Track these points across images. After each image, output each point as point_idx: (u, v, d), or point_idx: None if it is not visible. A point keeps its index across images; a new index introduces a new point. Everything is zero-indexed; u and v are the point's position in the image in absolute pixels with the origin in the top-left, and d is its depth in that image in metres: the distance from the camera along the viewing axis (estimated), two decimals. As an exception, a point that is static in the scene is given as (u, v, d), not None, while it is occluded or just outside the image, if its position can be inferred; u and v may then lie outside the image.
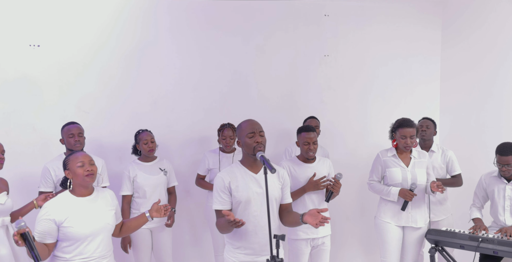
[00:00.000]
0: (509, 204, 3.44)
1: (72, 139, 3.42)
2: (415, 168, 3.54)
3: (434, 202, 4.03)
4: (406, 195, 3.41)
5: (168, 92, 4.47)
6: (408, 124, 3.49)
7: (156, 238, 3.76)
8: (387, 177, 3.58)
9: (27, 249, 2.13)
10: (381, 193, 3.58)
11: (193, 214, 4.43)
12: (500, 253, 3.08)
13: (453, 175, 4.09)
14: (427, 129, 4.14)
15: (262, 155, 2.43)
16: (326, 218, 2.32)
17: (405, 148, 3.51)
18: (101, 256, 2.47)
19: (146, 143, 3.70)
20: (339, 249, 4.72)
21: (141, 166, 3.74)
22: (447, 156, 4.10)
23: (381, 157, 3.63)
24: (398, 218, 3.54)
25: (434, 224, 4.05)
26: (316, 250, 3.41)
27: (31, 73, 4.03)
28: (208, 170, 4.05)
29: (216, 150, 4.11)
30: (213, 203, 2.58)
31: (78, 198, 2.46)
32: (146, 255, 3.72)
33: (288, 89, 4.80)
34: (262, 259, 2.55)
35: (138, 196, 3.70)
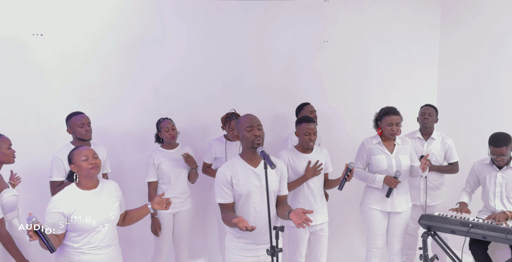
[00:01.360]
0: (499, 190, 3.55)
1: (83, 129, 3.48)
2: (399, 154, 3.66)
3: (431, 187, 4.14)
4: (390, 182, 3.53)
5: (170, 79, 4.51)
6: (394, 112, 3.59)
7: (177, 223, 3.91)
8: (373, 164, 3.67)
9: (40, 241, 2.26)
10: (366, 180, 3.69)
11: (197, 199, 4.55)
12: (489, 238, 3.22)
13: (450, 162, 4.17)
14: (429, 116, 4.14)
15: (262, 150, 2.52)
16: (310, 220, 2.41)
17: (391, 136, 3.60)
18: (107, 245, 2.61)
19: (167, 130, 3.79)
20: (337, 231, 4.87)
21: (165, 154, 3.85)
22: (446, 144, 4.15)
23: (366, 144, 3.72)
24: (383, 204, 3.67)
25: (430, 208, 4.16)
26: (315, 236, 3.53)
27: (35, 62, 4.06)
28: (214, 159, 4.10)
29: (222, 138, 4.15)
30: (215, 197, 2.69)
31: (84, 192, 2.59)
32: (166, 240, 3.88)
33: (287, 75, 4.84)
34: (261, 247, 2.71)
35: (162, 183, 3.83)
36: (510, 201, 3.53)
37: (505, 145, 3.38)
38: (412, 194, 4.19)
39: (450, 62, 5.08)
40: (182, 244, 3.99)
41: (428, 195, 4.15)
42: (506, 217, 3.35)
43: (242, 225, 2.36)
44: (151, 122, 4.15)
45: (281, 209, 2.73)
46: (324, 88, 4.95)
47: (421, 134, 4.24)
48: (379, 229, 3.73)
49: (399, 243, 3.77)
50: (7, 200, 2.87)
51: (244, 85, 4.73)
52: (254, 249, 2.71)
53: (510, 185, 3.51)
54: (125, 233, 4.10)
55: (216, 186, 2.68)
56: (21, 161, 3.42)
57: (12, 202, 2.91)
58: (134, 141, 4.39)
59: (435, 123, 4.22)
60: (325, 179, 3.56)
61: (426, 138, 4.21)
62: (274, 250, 2.38)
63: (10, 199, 2.89)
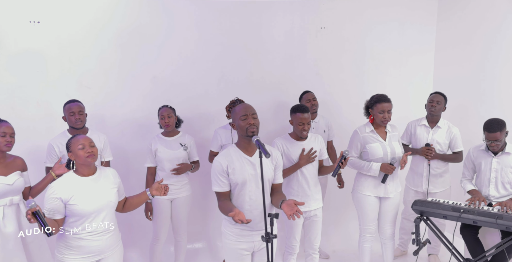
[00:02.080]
0: (495, 176, 3.60)
1: (73, 117, 3.52)
2: (392, 141, 3.69)
3: (434, 175, 4.17)
4: (387, 169, 3.57)
5: (167, 67, 4.53)
6: (386, 99, 3.61)
7: (174, 209, 3.96)
8: (368, 152, 3.69)
9: (38, 225, 2.34)
10: (362, 169, 3.71)
11: (197, 185, 4.61)
12: (479, 223, 3.28)
13: (455, 151, 4.16)
14: (437, 104, 4.11)
15: (257, 140, 2.56)
16: (301, 212, 2.46)
17: (382, 123, 3.63)
18: (105, 230, 2.67)
19: (162, 118, 3.82)
20: (333, 216, 4.96)
21: (163, 141, 3.88)
22: (452, 133, 4.13)
23: (360, 133, 3.73)
24: (376, 190, 3.72)
25: (431, 195, 4.19)
26: (309, 222, 3.58)
27: (32, 49, 4.08)
28: (220, 146, 4.10)
29: (227, 126, 4.13)
30: (212, 185, 2.74)
31: (82, 178, 2.65)
32: (165, 224, 3.94)
33: (284, 62, 4.85)
34: (256, 233, 2.77)
35: (159, 169, 3.88)
36: (505, 186, 3.58)
37: (499, 131, 3.42)
38: (414, 181, 4.25)
39: (446, 48, 5.08)
40: (181, 229, 4.05)
41: (430, 182, 4.18)
42: None
43: (237, 219, 2.41)
44: (149, 110, 4.18)
45: (275, 197, 2.79)
46: (320, 75, 4.97)
47: (427, 122, 4.22)
48: (372, 215, 3.79)
49: (390, 228, 3.85)
50: None
51: (241, 73, 4.74)
52: (249, 235, 2.77)
53: (506, 171, 3.55)
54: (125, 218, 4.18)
55: (213, 175, 2.73)
56: (20, 147, 3.46)
57: None
58: (133, 129, 4.43)
59: (442, 111, 4.18)
60: (320, 165, 3.59)
61: (432, 126, 4.19)
62: (268, 236, 2.44)
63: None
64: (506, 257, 3.36)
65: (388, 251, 3.92)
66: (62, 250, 2.62)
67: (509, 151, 3.55)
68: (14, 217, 3.03)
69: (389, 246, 3.90)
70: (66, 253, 2.61)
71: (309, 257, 3.70)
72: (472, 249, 3.54)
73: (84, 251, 2.61)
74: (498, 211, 3.32)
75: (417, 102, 4.87)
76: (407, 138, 4.35)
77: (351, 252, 4.61)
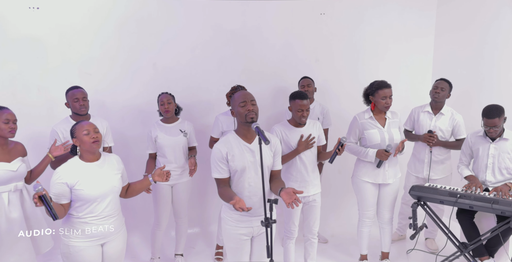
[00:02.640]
0: (492, 162, 3.63)
1: (77, 104, 3.54)
2: (391, 128, 3.71)
3: (435, 161, 4.19)
4: (382, 156, 3.60)
5: (167, 54, 4.53)
6: (387, 85, 3.63)
7: (175, 194, 4.01)
8: (366, 138, 3.72)
9: (45, 208, 2.39)
10: (359, 155, 3.75)
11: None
12: (475, 208, 3.34)
13: (457, 138, 4.15)
14: (441, 91, 4.08)
15: (257, 126, 2.58)
16: (299, 201, 2.49)
17: (385, 108, 3.65)
18: (109, 215, 2.73)
19: (162, 104, 3.84)
20: (332, 201, 5.01)
21: (162, 127, 3.91)
22: (455, 120, 4.12)
23: (359, 119, 3.75)
24: (374, 176, 3.76)
25: (432, 181, 4.18)
26: (308, 207, 3.63)
27: (33, 36, 4.08)
28: (221, 133, 4.10)
29: (228, 113, 4.12)
30: (212, 172, 2.77)
31: (87, 164, 2.69)
32: (165, 210, 4.00)
33: (284, 48, 4.85)
34: (255, 218, 2.81)
35: (159, 155, 3.92)
36: (502, 172, 3.62)
37: (498, 117, 3.44)
38: (416, 167, 4.28)
39: (446, 32, 5.07)
40: (182, 213, 4.11)
41: (431, 169, 4.20)
42: (509, 189, 3.44)
43: (238, 207, 2.44)
44: (150, 96, 4.20)
45: (274, 184, 2.82)
46: (320, 61, 4.97)
47: (430, 108, 4.20)
48: (370, 200, 3.84)
49: (389, 213, 3.90)
50: None
51: (241, 59, 4.74)
52: (249, 220, 2.81)
53: (503, 156, 3.59)
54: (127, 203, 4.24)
55: (212, 161, 2.76)
56: (21, 133, 3.49)
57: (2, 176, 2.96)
58: (133, 115, 4.46)
59: (447, 98, 4.17)
60: (319, 151, 3.62)
61: (435, 112, 4.17)
62: (268, 222, 2.48)
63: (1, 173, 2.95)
64: (501, 241, 3.42)
65: (386, 235, 3.98)
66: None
67: (506, 137, 3.58)
68: (18, 202, 3.08)
69: (387, 230, 3.97)
70: (72, 237, 2.66)
71: (308, 242, 3.76)
72: (468, 233, 3.60)
73: (89, 235, 2.67)
74: (494, 196, 3.37)
75: (416, 88, 4.88)
76: (411, 124, 4.36)
77: (349, 237, 4.68)
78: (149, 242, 4.28)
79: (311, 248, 3.78)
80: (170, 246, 4.43)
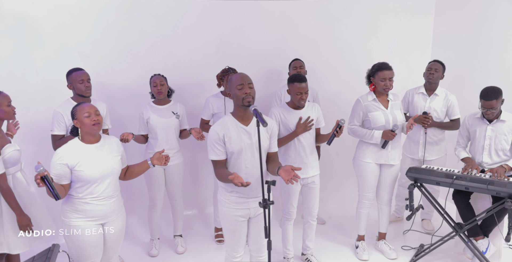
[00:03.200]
0: (488, 143, 3.67)
1: (82, 85, 3.52)
2: (394, 110, 3.72)
3: (430, 142, 4.24)
4: (388, 136, 3.61)
5: (165, 35, 4.52)
6: (387, 67, 3.62)
7: (168, 177, 4.05)
8: (370, 121, 3.72)
9: (47, 189, 2.43)
10: (364, 137, 3.74)
11: (190, 153, 4.68)
12: (471, 189, 3.39)
13: (452, 119, 4.21)
14: (435, 72, 4.13)
15: (255, 109, 2.59)
16: (298, 176, 2.52)
17: (384, 90, 3.64)
18: (109, 196, 2.77)
19: (155, 85, 3.85)
20: (330, 183, 5.07)
21: (155, 109, 3.92)
22: (449, 101, 4.17)
23: (362, 102, 3.74)
24: (378, 156, 3.78)
25: (427, 162, 4.27)
26: (307, 188, 3.66)
27: (29, 17, 4.04)
28: (212, 115, 4.13)
29: (219, 95, 4.15)
30: (209, 153, 2.79)
31: (87, 145, 2.71)
32: (159, 192, 4.04)
33: (282, 30, 4.83)
34: (252, 200, 2.85)
35: (151, 137, 3.93)
36: (498, 153, 3.65)
37: (495, 99, 3.46)
38: (411, 148, 4.31)
39: (446, 12, 5.05)
40: (176, 196, 4.15)
41: (426, 150, 4.25)
42: (504, 170, 3.49)
43: (237, 181, 2.46)
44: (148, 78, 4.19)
45: (271, 165, 2.84)
46: (318, 43, 4.96)
47: (425, 90, 4.25)
48: (371, 182, 3.87)
49: (388, 194, 3.95)
50: (10, 155, 2.98)
51: (238, 41, 4.73)
52: (245, 202, 2.85)
53: (499, 138, 3.62)
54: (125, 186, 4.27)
55: (209, 143, 2.77)
56: (21, 116, 3.51)
57: (15, 156, 3.02)
58: (132, 97, 4.46)
59: (440, 79, 4.21)
60: (317, 133, 3.65)
61: (429, 93, 4.22)
62: (266, 203, 2.52)
63: (13, 154, 3.00)
64: (496, 221, 3.47)
65: (384, 216, 4.04)
66: (68, 213, 2.72)
67: (503, 119, 3.60)
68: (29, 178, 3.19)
69: (386, 211, 4.02)
70: (72, 217, 2.71)
71: (307, 224, 3.82)
72: (464, 214, 3.66)
73: (89, 215, 2.71)
74: (490, 177, 3.41)
75: (416, 70, 4.88)
76: (405, 106, 4.38)
77: (347, 218, 4.74)
78: (147, 224, 4.33)
79: (310, 230, 3.84)
80: (169, 227, 4.50)
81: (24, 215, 2.97)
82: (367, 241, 4.17)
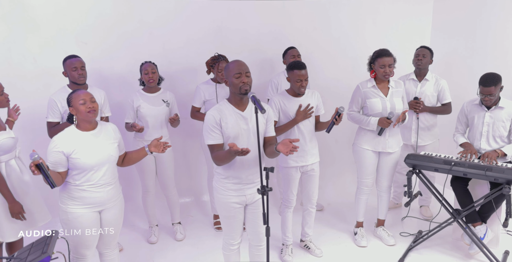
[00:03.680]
0: (486, 130, 3.67)
1: (75, 73, 3.51)
2: (393, 97, 3.70)
3: (422, 128, 4.26)
4: (383, 123, 3.62)
5: (164, 22, 4.49)
6: (386, 53, 3.60)
7: (159, 165, 4.05)
8: (367, 107, 3.72)
9: (43, 177, 2.42)
10: (361, 123, 3.76)
11: (181, 141, 4.69)
12: (469, 175, 3.39)
13: (443, 103, 4.23)
14: (423, 58, 4.17)
15: (253, 96, 2.58)
16: (296, 147, 2.50)
17: (384, 77, 3.63)
18: (106, 183, 2.76)
19: (146, 73, 3.82)
20: (330, 170, 5.09)
21: (145, 97, 3.90)
22: (439, 85, 4.20)
23: (361, 88, 3.74)
24: (375, 144, 3.78)
25: (420, 148, 4.31)
26: (306, 176, 3.66)
27: (26, 4, 4.01)
28: (203, 102, 4.12)
29: (209, 82, 4.13)
30: (205, 138, 2.77)
31: (83, 133, 2.70)
32: (151, 178, 4.04)
33: (280, 18, 4.80)
34: (247, 187, 2.84)
35: (141, 125, 3.91)
36: (496, 140, 3.66)
37: (494, 85, 3.45)
38: (404, 134, 4.31)
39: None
40: (170, 186, 4.15)
41: (419, 135, 4.27)
42: (497, 155, 3.51)
43: (236, 148, 2.45)
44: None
45: (269, 148, 2.83)
46: (317, 30, 4.93)
47: (415, 76, 4.28)
48: (370, 168, 3.88)
49: (387, 181, 3.95)
50: (3, 142, 2.96)
51: (236, 27, 4.70)
52: (241, 189, 2.84)
53: (497, 125, 3.62)
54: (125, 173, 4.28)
55: (205, 128, 2.76)
56: (18, 104, 3.51)
57: (8, 144, 3.00)
58: (130, 84, 4.44)
59: (429, 64, 4.24)
60: (317, 121, 3.64)
61: (420, 79, 4.25)
62: (264, 189, 2.52)
63: (6, 141, 2.98)
64: (493, 207, 3.49)
65: (384, 203, 4.05)
66: (65, 200, 2.72)
67: (502, 106, 3.60)
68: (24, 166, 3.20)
69: (385, 198, 4.03)
70: (70, 204, 2.71)
71: (306, 211, 3.83)
72: (462, 200, 3.67)
73: (86, 202, 2.71)
74: (484, 162, 3.42)
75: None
76: None
77: (346, 205, 4.76)
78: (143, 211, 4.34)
79: (309, 217, 3.85)
80: (167, 215, 4.50)
81: (15, 203, 2.98)
82: (365, 228, 4.19)
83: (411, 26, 5.18)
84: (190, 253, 3.94)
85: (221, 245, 3.11)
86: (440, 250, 3.86)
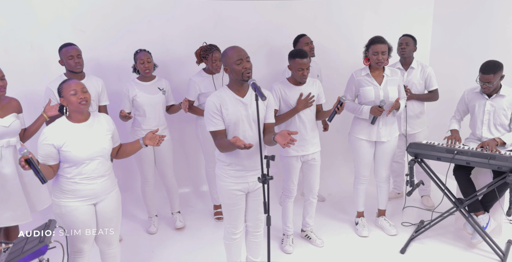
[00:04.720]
0: (487, 118, 3.64)
1: (72, 61, 3.46)
2: (388, 86, 3.65)
3: (411, 116, 4.25)
4: (375, 111, 3.57)
5: (163, 10, 4.43)
6: (379, 40, 3.55)
7: (157, 154, 4.01)
8: (361, 95, 3.68)
9: (33, 172, 2.34)
10: (354, 112, 3.72)
11: (177, 130, 4.65)
12: (472, 164, 3.36)
13: (430, 90, 4.23)
14: (406, 46, 4.17)
15: (254, 83, 2.54)
16: (294, 139, 2.46)
17: (377, 64, 3.57)
18: (99, 175, 2.66)
19: (142, 62, 3.76)
20: (330, 160, 5.05)
21: (140, 86, 3.84)
22: (425, 72, 4.20)
23: (355, 76, 3.70)
24: (370, 133, 3.74)
25: (410, 136, 4.31)
26: (307, 165, 3.62)
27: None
28: (199, 95, 4.02)
29: (202, 73, 4.03)
30: (207, 125, 2.73)
31: (75, 124, 2.61)
32: (149, 168, 4.00)
33: (281, 7, 4.75)
34: (250, 174, 2.82)
35: (138, 114, 3.86)
36: (497, 128, 3.64)
37: (493, 73, 3.41)
38: None
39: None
40: (168, 175, 4.11)
41: (408, 124, 4.27)
42: (496, 143, 3.48)
43: (239, 143, 2.42)
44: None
45: (267, 135, 2.79)
46: (319, 19, 4.87)
47: (401, 65, 4.27)
48: (365, 158, 3.84)
49: (385, 171, 3.91)
50: None
51: (237, 17, 4.64)
52: (243, 176, 2.82)
53: (498, 113, 3.59)
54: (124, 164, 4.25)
55: (207, 115, 2.71)
56: (15, 91, 3.44)
57: None
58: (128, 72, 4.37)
59: (414, 52, 4.23)
60: (318, 110, 3.59)
61: (406, 68, 4.24)
62: (265, 178, 2.49)
63: None
64: (497, 196, 3.46)
65: (383, 194, 4.02)
66: (58, 194, 2.64)
67: (503, 94, 3.57)
68: (11, 158, 3.07)
69: (384, 188, 4.00)
70: (62, 197, 2.62)
71: (308, 202, 3.80)
72: (464, 189, 3.63)
73: (79, 195, 2.62)
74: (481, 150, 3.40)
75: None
76: None
77: (347, 195, 4.73)
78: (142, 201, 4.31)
79: (310, 207, 3.82)
80: (167, 205, 4.46)
81: None
82: (367, 218, 4.16)
83: (413, 15, 5.13)
84: (190, 243, 3.91)
85: (221, 236, 3.08)
86: (443, 240, 3.84)
